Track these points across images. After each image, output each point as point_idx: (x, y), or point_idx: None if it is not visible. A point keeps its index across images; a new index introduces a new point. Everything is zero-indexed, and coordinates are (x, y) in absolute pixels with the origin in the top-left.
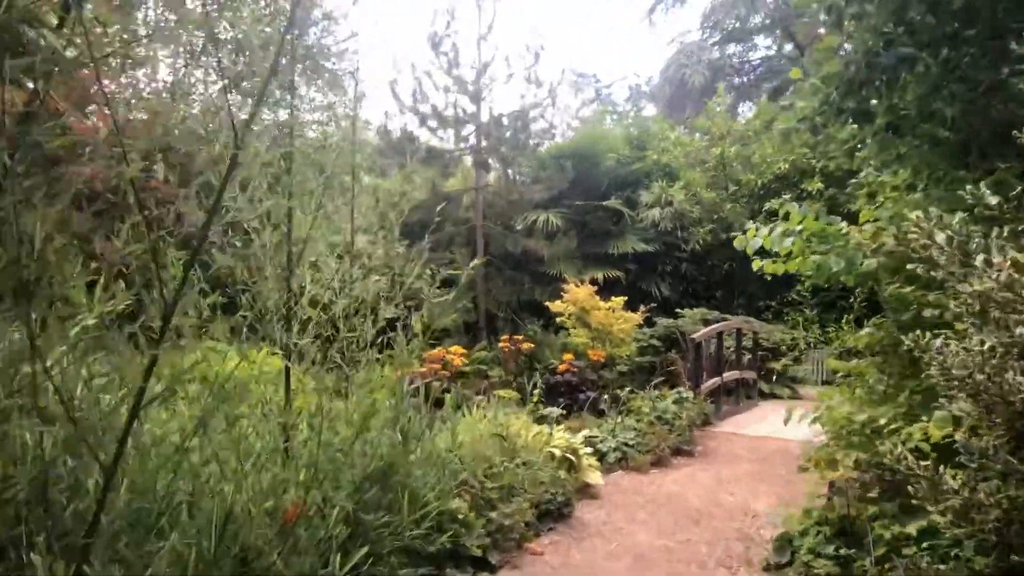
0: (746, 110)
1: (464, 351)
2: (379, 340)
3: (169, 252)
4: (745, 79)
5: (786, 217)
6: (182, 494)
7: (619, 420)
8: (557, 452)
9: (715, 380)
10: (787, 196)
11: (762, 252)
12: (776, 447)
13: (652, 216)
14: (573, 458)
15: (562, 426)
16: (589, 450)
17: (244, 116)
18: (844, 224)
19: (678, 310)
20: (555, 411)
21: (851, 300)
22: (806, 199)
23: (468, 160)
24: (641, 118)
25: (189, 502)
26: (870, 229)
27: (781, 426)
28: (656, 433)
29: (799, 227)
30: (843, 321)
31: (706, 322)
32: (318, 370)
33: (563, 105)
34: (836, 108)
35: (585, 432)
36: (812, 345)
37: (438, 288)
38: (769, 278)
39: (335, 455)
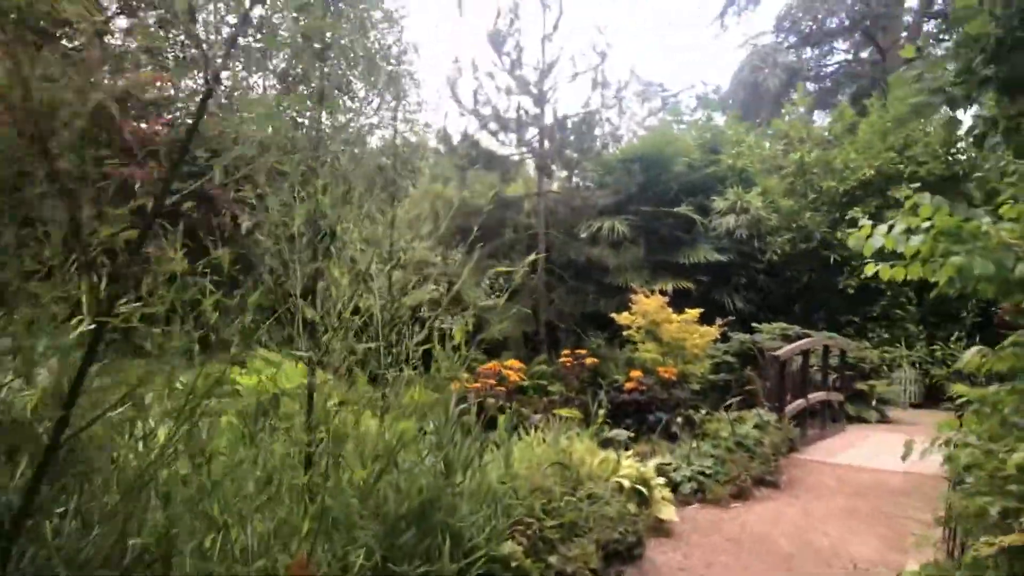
0: (822, 118)
1: (522, 365)
2: (422, 351)
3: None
4: (821, 86)
5: (913, 211)
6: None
7: (694, 445)
8: (626, 483)
9: (800, 402)
10: (874, 203)
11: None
12: (871, 479)
13: (726, 224)
14: (644, 490)
15: (630, 451)
16: (661, 480)
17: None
18: (987, 220)
19: (754, 324)
20: (623, 434)
21: (963, 314)
22: (892, 207)
23: (530, 164)
24: (712, 125)
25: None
26: (1018, 227)
27: (874, 454)
28: (736, 461)
29: (926, 223)
30: (952, 338)
31: (786, 337)
32: (347, 386)
33: (629, 113)
34: (980, 76)
35: (657, 460)
36: (916, 364)
37: (496, 297)
38: (851, 291)
39: (350, 500)
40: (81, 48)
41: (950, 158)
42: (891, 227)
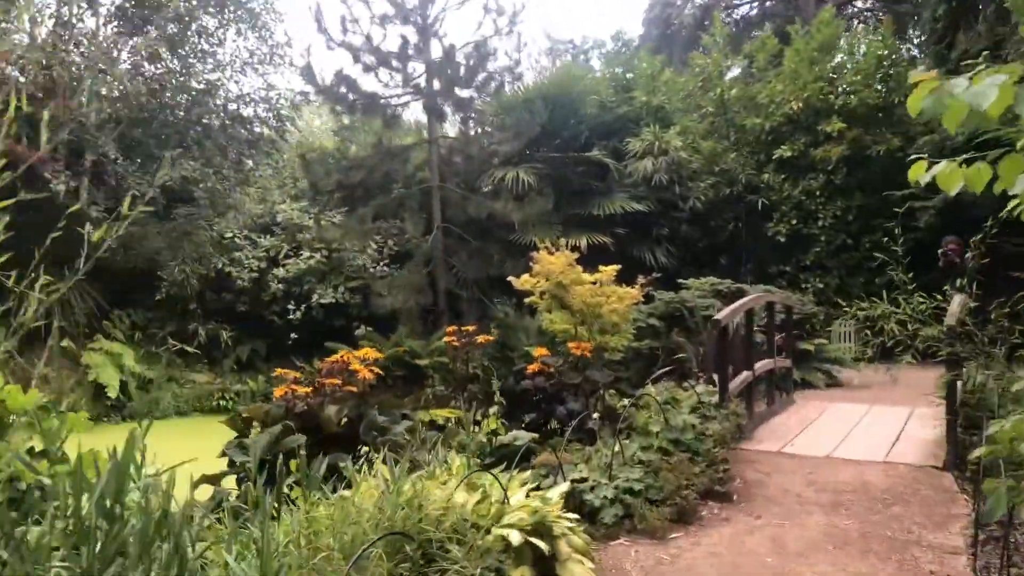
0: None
1: (378, 355)
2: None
3: None
4: (735, 30)
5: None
6: None
7: (617, 449)
8: (515, 537)
9: (745, 375)
10: (802, 140)
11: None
12: (849, 478)
13: (643, 168)
14: (543, 544)
15: (529, 472)
16: (571, 518)
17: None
18: None
19: (680, 280)
20: (523, 436)
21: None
22: (823, 143)
23: (418, 108)
24: (624, 59)
25: None
26: None
27: (840, 436)
28: (674, 467)
29: None
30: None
31: (719, 294)
32: None
33: (538, 67)
34: None
35: (563, 485)
36: (905, 324)
37: (386, 264)
38: (782, 239)
39: None
40: None
41: (881, 87)
42: (970, 80)
